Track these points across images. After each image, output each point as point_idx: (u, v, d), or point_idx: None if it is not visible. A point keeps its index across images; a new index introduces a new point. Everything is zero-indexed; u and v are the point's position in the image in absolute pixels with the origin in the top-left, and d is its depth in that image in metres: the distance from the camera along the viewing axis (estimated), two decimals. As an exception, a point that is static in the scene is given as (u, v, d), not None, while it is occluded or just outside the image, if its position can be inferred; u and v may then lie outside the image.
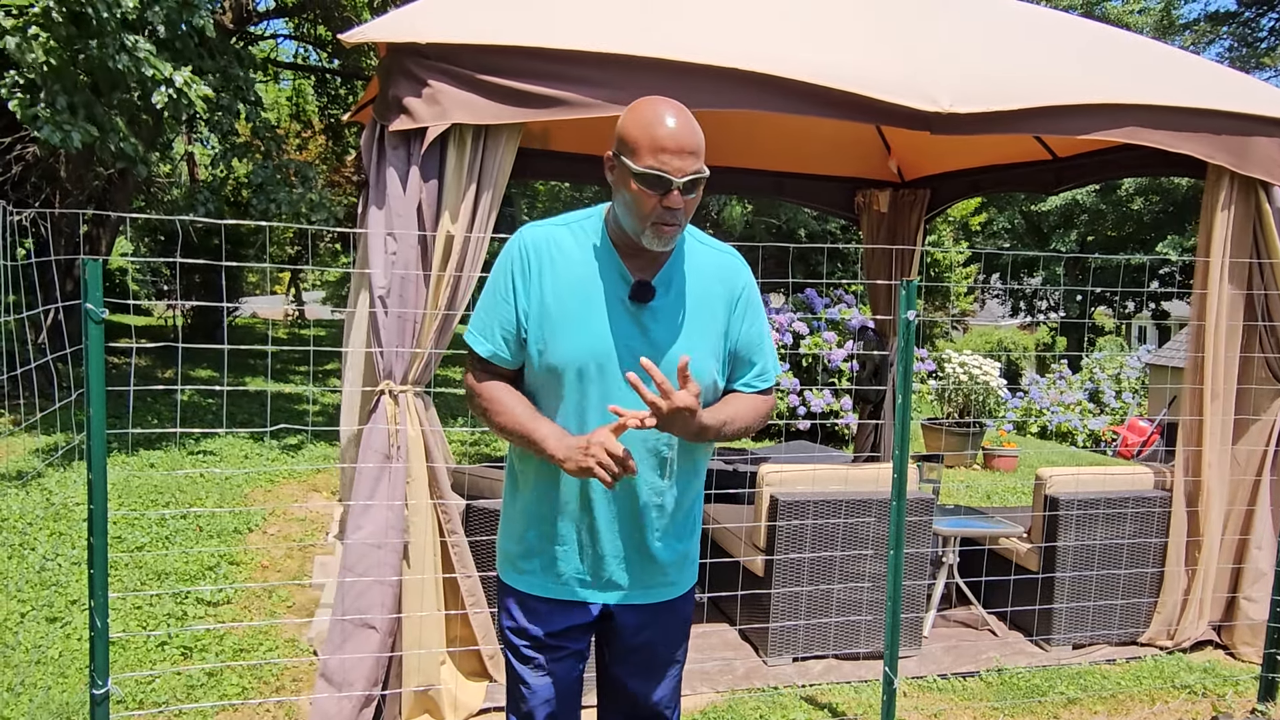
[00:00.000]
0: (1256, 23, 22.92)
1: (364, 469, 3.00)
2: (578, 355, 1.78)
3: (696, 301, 1.86)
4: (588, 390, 1.80)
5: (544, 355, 1.80)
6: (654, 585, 1.94)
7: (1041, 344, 26.68)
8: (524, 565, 1.92)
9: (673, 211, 1.71)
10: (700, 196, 1.77)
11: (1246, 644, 3.98)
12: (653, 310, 1.82)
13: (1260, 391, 3.99)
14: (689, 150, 1.70)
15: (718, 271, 1.90)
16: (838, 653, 3.82)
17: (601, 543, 1.87)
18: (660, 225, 1.72)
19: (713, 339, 1.87)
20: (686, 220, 1.77)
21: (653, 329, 1.81)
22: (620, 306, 1.80)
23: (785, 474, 3.80)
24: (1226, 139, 3.74)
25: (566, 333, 1.79)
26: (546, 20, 3.03)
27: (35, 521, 4.98)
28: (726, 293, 1.90)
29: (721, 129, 5.48)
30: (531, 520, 1.91)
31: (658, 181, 1.69)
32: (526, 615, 1.92)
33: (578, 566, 1.89)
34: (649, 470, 1.86)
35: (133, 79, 5.99)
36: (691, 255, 1.89)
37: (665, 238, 1.74)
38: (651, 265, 1.83)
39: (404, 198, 2.97)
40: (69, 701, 3.17)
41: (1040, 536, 4.07)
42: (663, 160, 1.68)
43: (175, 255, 12.22)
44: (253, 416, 8.73)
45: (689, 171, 1.70)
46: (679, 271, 1.86)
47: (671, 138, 1.69)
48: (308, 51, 15.13)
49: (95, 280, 2.30)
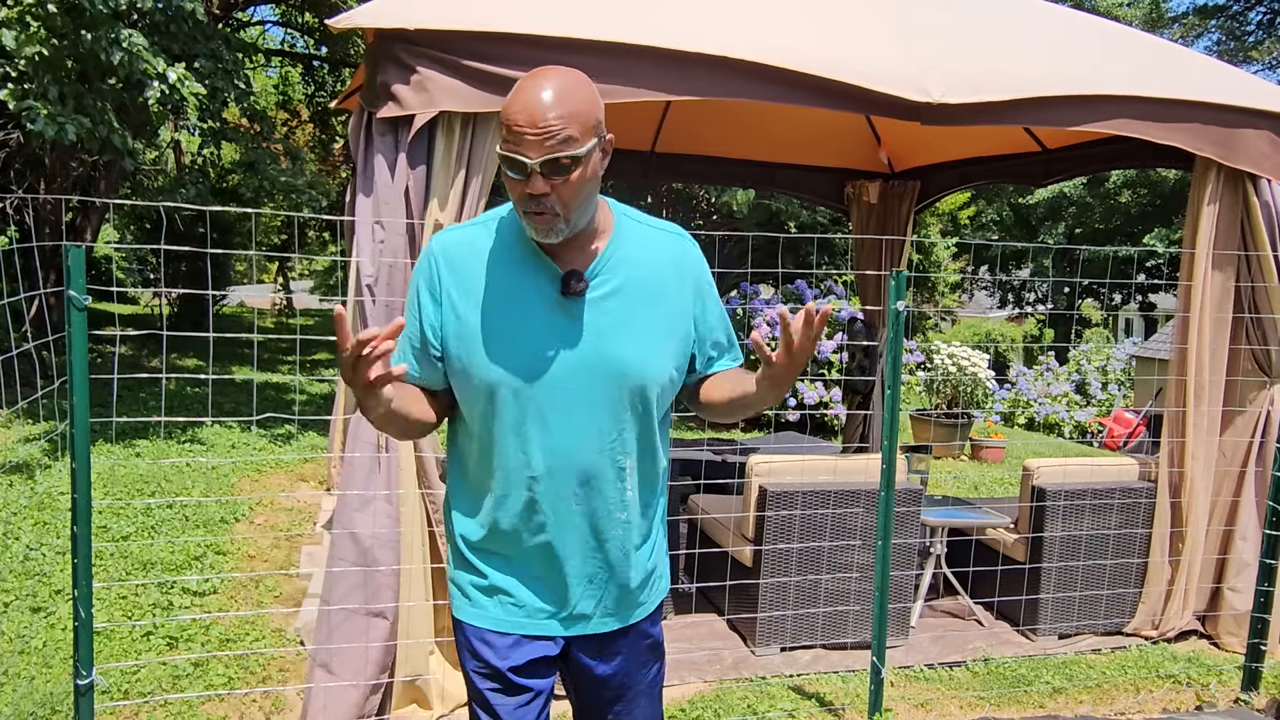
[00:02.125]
0: (1245, 16, 23.03)
1: (354, 458, 2.98)
2: (505, 369, 1.57)
3: (642, 289, 1.64)
4: (524, 404, 1.58)
5: (471, 371, 1.59)
6: (622, 609, 1.74)
7: (1029, 336, 26.82)
8: (479, 599, 1.71)
9: (536, 199, 1.48)
10: (584, 175, 1.50)
11: (1230, 634, 4.02)
12: (592, 303, 1.60)
13: (1246, 383, 4.02)
14: (547, 126, 1.44)
15: (665, 255, 1.68)
16: (825, 643, 3.83)
17: (565, 568, 1.66)
18: (529, 215, 1.51)
19: (665, 329, 1.66)
20: (570, 206, 1.51)
21: (594, 324, 1.60)
22: (553, 304, 1.58)
23: (774, 464, 3.80)
24: (1214, 131, 3.75)
25: (495, 343, 1.58)
26: (535, 7, 3.01)
27: (19, 511, 4.94)
28: (680, 278, 1.69)
29: (710, 119, 5.49)
30: (482, 550, 1.71)
31: (513, 165, 1.47)
32: (489, 651, 1.70)
33: (540, 596, 1.69)
34: (609, 484, 1.65)
35: (125, 72, 5.93)
36: (631, 238, 1.66)
37: (541, 228, 1.51)
38: (583, 255, 1.61)
39: (391, 185, 2.95)
40: (53, 692, 3.15)
41: (1027, 527, 4.09)
42: (516, 141, 1.46)
43: (161, 243, 12.13)
44: (240, 406, 8.69)
45: (547, 149, 1.45)
46: (618, 258, 1.63)
47: (524, 113, 1.44)
48: (294, 38, 15.01)
49: (78, 267, 2.28)
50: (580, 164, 1.49)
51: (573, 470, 1.62)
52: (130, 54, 5.80)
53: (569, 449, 1.60)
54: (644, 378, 1.63)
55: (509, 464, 1.62)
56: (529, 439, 1.60)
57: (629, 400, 1.63)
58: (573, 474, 1.62)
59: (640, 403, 1.64)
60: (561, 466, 1.61)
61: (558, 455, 1.61)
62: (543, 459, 1.61)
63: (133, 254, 16.05)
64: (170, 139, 13.61)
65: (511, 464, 1.62)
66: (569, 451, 1.60)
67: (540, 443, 1.60)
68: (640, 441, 1.68)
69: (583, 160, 1.49)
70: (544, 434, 1.60)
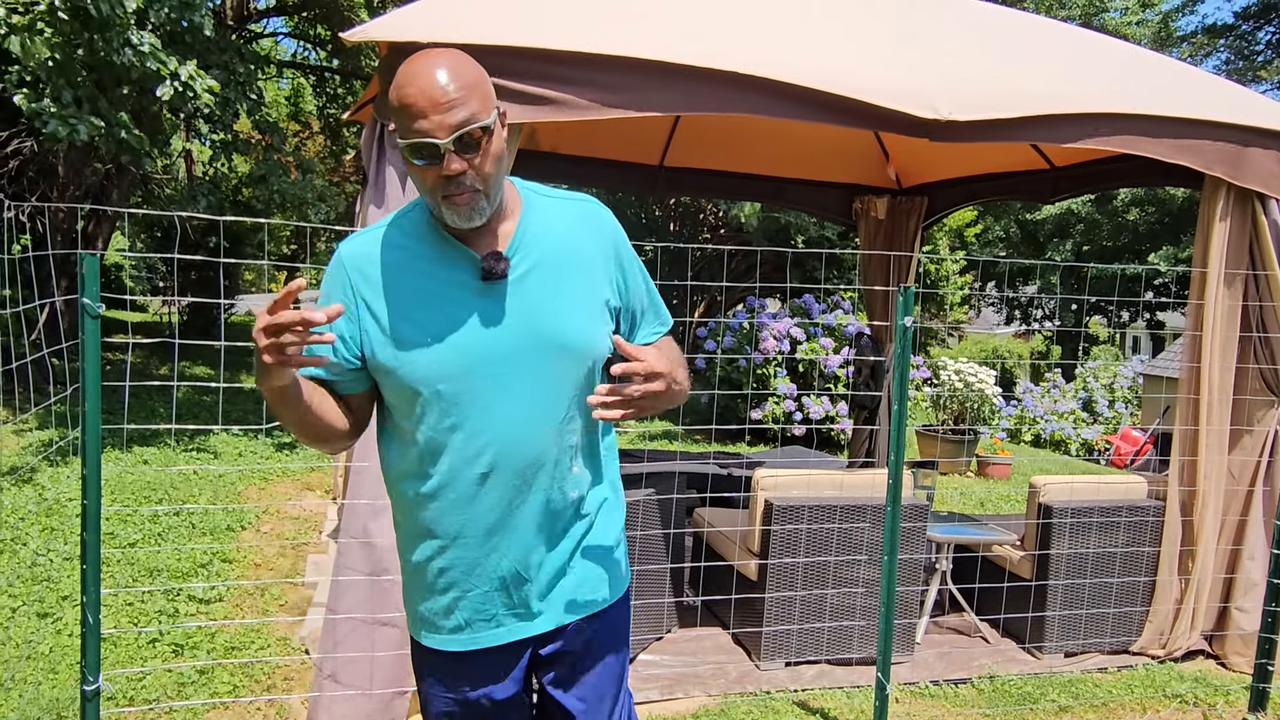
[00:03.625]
0: (1254, 36, 23.04)
1: (360, 468, 2.99)
2: (440, 366, 1.52)
3: (563, 262, 1.60)
4: (464, 398, 1.54)
5: (401, 374, 1.54)
6: (585, 596, 1.69)
7: (1036, 352, 26.75)
8: (444, 622, 1.65)
9: (453, 180, 1.45)
10: (495, 146, 1.49)
11: (1238, 654, 3.99)
12: (515, 283, 1.55)
13: (1254, 402, 4.01)
14: (448, 101, 1.41)
15: (580, 225, 1.64)
16: (830, 658, 3.82)
17: (525, 560, 1.61)
18: (449, 199, 1.47)
19: (593, 300, 1.62)
20: (490, 180, 1.49)
21: (522, 304, 1.55)
22: (475, 292, 1.54)
23: (780, 479, 3.80)
24: (1223, 150, 3.76)
25: (422, 342, 1.53)
26: (546, 21, 3.03)
27: (28, 516, 4.96)
28: (599, 247, 1.64)
29: (719, 133, 5.51)
30: (433, 565, 1.63)
31: (424, 150, 1.43)
32: (462, 683, 1.66)
33: (504, 597, 1.63)
34: (560, 465, 1.61)
35: (137, 73, 5.98)
36: (542, 212, 1.62)
37: (464, 210, 1.47)
38: (496, 237, 1.57)
39: (403, 197, 2.97)
40: (59, 698, 3.16)
41: (1033, 544, 4.07)
42: (420, 125, 1.42)
43: (172, 252, 12.19)
44: (247, 414, 8.72)
45: (454, 125, 1.42)
46: (532, 234, 1.59)
47: (422, 94, 1.41)
48: (307, 51, 15.12)
49: (92, 275, 2.30)
50: (490, 134, 1.47)
51: (526, 456, 1.57)
52: (142, 54, 5.86)
53: (518, 436, 1.55)
54: (586, 347, 1.59)
55: (456, 463, 1.56)
56: (475, 434, 1.54)
57: (574, 373, 1.59)
58: (525, 460, 1.57)
59: (586, 374, 1.60)
60: (512, 455, 1.56)
61: (507, 443, 1.55)
62: (493, 451, 1.55)
63: (142, 262, 16.14)
64: (182, 148, 13.71)
65: (459, 462, 1.56)
66: (519, 438, 1.56)
67: (488, 435, 1.55)
68: (587, 414, 1.63)
69: (491, 130, 1.47)
70: (490, 425, 1.54)
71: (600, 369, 1.64)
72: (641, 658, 3.77)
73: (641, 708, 3.37)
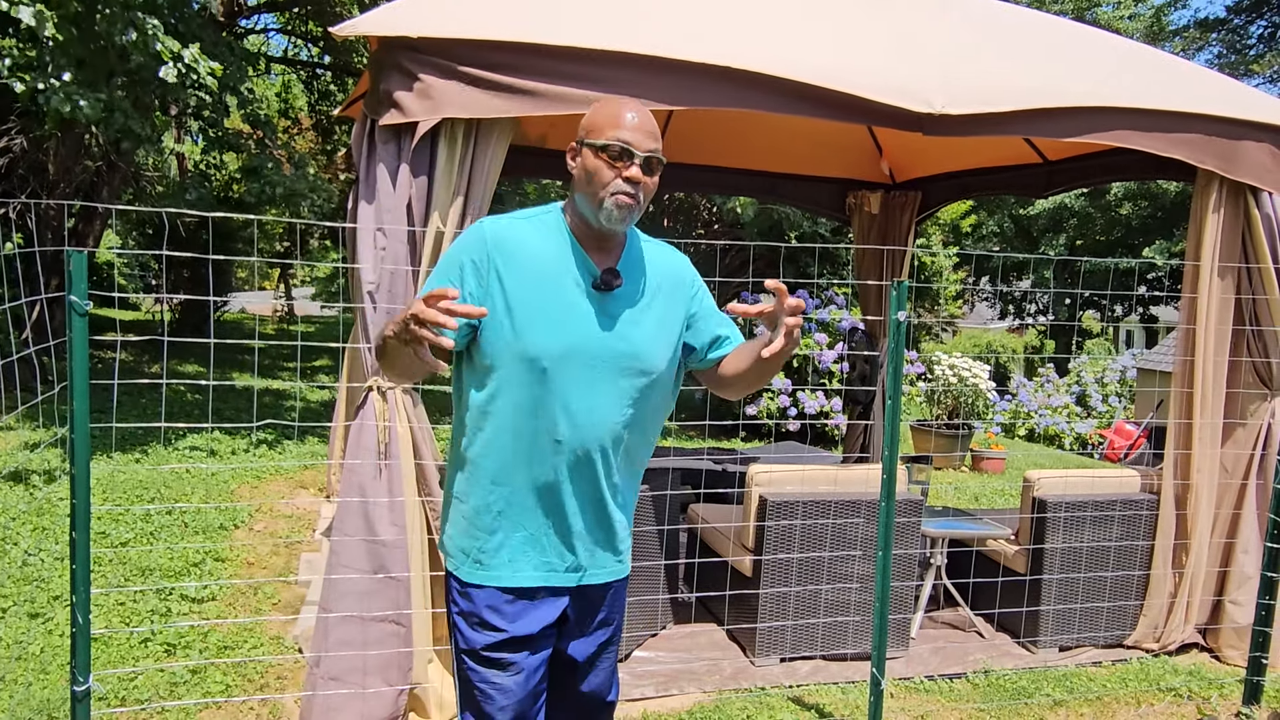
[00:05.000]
0: (1246, 29, 23.09)
1: (354, 465, 2.98)
2: (552, 344, 1.79)
3: (653, 291, 1.92)
4: (556, 377, 1.80)
5: (515, 346, 1.79)
6: (609, 564, 1.96)
7: (1030, 347, 26.81)
8: (488, 559, 1.87)
9: (634, 184, 1.76)
10: (657, 184, 1.83)
11: (1232, 647, 4.00)
12: (616, 298, 1.85)
13: (1247, 395, 4.01)
14: (649, 132, 1.78)
15: (666, 266, 1.97)
16: (825, 653, 3.82)
17: (571, 525, 1.87)
18: (619, 196, 1.76)
19: (670, 327, 1.93)
20: (645, 201, 1.81)
21: (618, 316, 1.85)
22: (586, 295, 1.83)
23: (774, 474, 3.80)
24: (1216, 144, 3.76)
25: (539, 323, 1.79)
26: (539, 15, 3.01)
27: (18, 516, 4.93)
28: (678, 284, 1.97)
29: (713, 129, 5.50)
30: (492, 507, 1.86)
31: (620, 152, 1.76)
32: (494, 615, 1.86)
33: (546, 548, 1.87)
34: (613, 453, 1.88)
35: (140, 54, 5.93)
36: (644, 249, 1.96)
37: (624, 211, 1.77)
38: (610, 257, 1.88)
39: (394, 193, 2.95)
40: (50, 698, 3.14)
41: (1028, 539, 4.07)
42: (624, 135, 1.76)
43: (163, 248, 12.09)
44: (240, 412, 8.68)
45: (649, 148, 1.77)
46: (634, 262, 1.91)
47: (634, 118, 1.79)
48: (298, 47, 15.05)
49: (80, 272, 2.28)
50: (660, 169, 1.82)
51: (590, 439, 1.83)
52: (145, 35, 5.81)
53: (588, 421, 1.82)
54: (651, 365, 1.88)
55: (539, 428, 1.82)
56: (559, 408, 1.81)
57: (636, 383, 1.87)
58: (589, 442, 1.83)
59: (645, 386, 1.88)
60: (581, 435, 1.82)
61: (579, 425, 1.82)
62: (568, 426, 1.81)
63: (134, 259, 16.06)
64: (171, 148, 13.64)
65: (542, 428, 1.82)
66: (588, 423, 1.82)
67: (568, 411, 1.81)
68: (639, 420, 1.91)
69: (661, 167, 1.82)
70: (571, 404, 1.81)
71: (659, 384, 1.92)
72: (636, 654, 3.76)
73: (636, 704, 3.37)
